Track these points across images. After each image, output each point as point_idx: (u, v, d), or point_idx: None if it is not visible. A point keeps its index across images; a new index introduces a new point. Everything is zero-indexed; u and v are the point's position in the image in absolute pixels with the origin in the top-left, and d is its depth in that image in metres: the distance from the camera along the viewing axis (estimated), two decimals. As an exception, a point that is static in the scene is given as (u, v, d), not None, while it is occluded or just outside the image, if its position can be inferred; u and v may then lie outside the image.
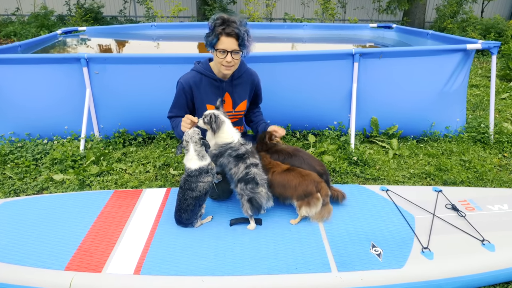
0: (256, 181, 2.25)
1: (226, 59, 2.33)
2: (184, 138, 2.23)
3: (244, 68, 2.62)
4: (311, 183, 2.34)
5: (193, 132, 2.23)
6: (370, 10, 12.57)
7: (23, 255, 2.03)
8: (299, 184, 2.34)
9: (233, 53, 2.33)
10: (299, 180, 2.36)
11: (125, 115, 3.70)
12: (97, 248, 2.10)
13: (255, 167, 2.28)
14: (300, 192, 2.33)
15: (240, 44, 2.32)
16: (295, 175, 2.39)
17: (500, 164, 3.54)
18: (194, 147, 2.20)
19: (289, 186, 2.36)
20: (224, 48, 2.31)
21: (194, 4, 12.33)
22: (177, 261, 2.01)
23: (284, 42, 6.03)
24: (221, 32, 2.28)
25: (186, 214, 2.26)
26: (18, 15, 11.58)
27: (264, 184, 2.30)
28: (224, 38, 2.29)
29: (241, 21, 2.31)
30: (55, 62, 3.49)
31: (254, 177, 2.25)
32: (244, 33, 2.31)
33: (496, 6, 12.96)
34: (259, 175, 2.27)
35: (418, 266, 1.98)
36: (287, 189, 2.37)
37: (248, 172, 2.25)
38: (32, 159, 3.39)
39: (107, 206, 2.52)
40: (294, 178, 2.37)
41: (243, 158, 2.27)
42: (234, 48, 2.32)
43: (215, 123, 2.25)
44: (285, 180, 2.39)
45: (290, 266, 1.98)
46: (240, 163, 2.27)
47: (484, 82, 6.43)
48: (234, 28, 2.27)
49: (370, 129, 3.91)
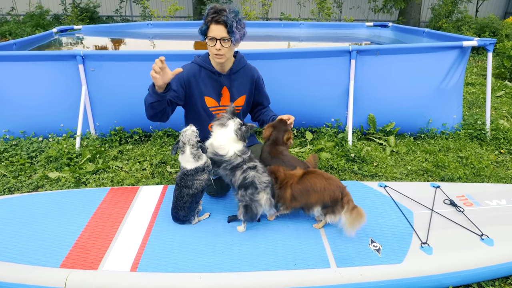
0: (255, 186, 2.13)
1: (216, 47, 2.32)
2: (180, 138, 2.18)
3: (243, 63, 2.61)
4: (336, 188, 2.14)
5: (191, 133, 2.16)
6: (365, 10, 12.62)
7: (18, 252, 2.00)
8: (325, 188, 2.14)
9: (222, 41, 2.31)
10: (324, 184, 2.15)
11: (121, 112, 3.67)
12: (93, 245, 2.07)
13: (253, 170, 2.16)
14: (326, 198, 2.13)
15: (229, 32, 2.30)
16: (318, 177, 2.19)
17: (497, 160, 3.54)
18: (191, 150, 2.15)
19: (314, 190, 2.15)
20: (213, 36, 2.30)
21: (190, 4, 12.31)
22: (174, 258, 1.99)
23: (280, 40, 6.02)
24: (210, 20, 2.29)
25: (183, 211, 2.24)
26: (13, 14, 11.51)
27: (265, 188, 2.15)
28: (214, 26, 2.29)
29: (231, 9, 2.30)
30: (50, 59, 3.46)
31: (252, 181, 2.13)
32: (233, 20, 2.28)
33: (490, 5, 13.05)
34: (257, 177, 2.14)
35: (417, 261, 1.97)
36: (312, 195, 2.15)
37: (245, 176, 2.15)
38: (27, 157, 3.35)
39: (103, 203, 2.49)
40: (318, 181, 2.17)
41: (238, 166, 2.18)
42: (223, 35, 2.30)
43: (246, 136, 2.21)
44: (307, 185, 2.17)
45: (289, 262, 1.96)
46: (236, 171, 2.19)
47: (479, 80, 6.45)
48: (222, 15, 2.26)
49: (367, 126, 3.91)
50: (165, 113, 2.36)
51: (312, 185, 2.16)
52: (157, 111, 2.30)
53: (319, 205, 2.16)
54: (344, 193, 2.15)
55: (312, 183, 2.17)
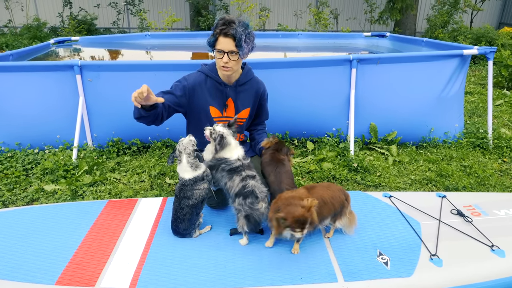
0: (256, 195, 2.09)
1: (223, 60, 2.28)
2: (177, 147, 2.14)
3: (250, 76, 2.56)
4: (340, 192, 2.14)
5: (187, 142, 2.13)
6: (362, 21, 12.71)
7: (11, 269, 1.91)
8: (332, 197, 2.08)
9: (230, 54, 2.27)
10: (330, 193, 2.09)
11: (119, 123, 3.61)
12: (90, 261, 1.99)
13: (252, 179, 2.13)
14: (337, 206, 2.09)
15: (237, 45, 2.26)
16: (322, 189, 2.11)
17: (501, 169, 3.50)
18: (187, 159, 2.11)
19: (325, 203, 2.05)
20: (221, 48, 2.27)
21: (187, 15, 12.37)
22: (175, 274, 1.91)
23: (279, 51, 6.01)
24: (219, 32, 2.25)
25: (183, 224, 2.16)
26: (11, 27, 11.50)
27: (264, 198, 2.12)
28: (222, 38, 2.25)
29: (241, 22, 2.26)
30: (47, 69, 3.41)
31: (253, 190, 2.09)
32: (242, 34, 2.24)
33: (485, 16, 13.20)
34: (258, 187, 2.11)
35: (428, 274, 1.90)
36: (323, 208, 2.03)
37: (245, 185, 2.11)
38: (22, 169, 3.27)
39: (101, 216, 2.41)
40: (324, 193, 2.08)
41: (237, 171, 2.16)
42: (231, 48, 2.26)
43: (219, 144, 2.18)
44: (318, 198, 2.01)
45: (295, 276, 1.89)
46: (234, 175, 2.15)
47: (478, 89, 6.46)
48: (231, 28, 2.22)
49: (369, 135, 3.86)
50: (156, 120, 2.31)
51: (321, 197, 2.05)
52: (147, 121, 2.29)
53: (331, 215, 2.11)
54: (346, 194, 2.21)
55: (320, 196, 2.05)
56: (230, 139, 2.24)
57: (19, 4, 11.70)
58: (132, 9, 11.87)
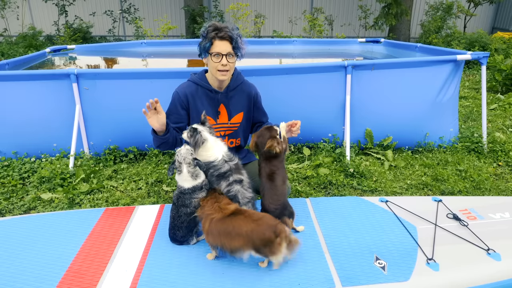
0: (237, 200, 2.12)
1: (222, 62, 2.31)
2: (176, 158, 2.13)
3: (240, 80, 2.59)
4: (267, 229, 1.88)
5: (186, 152, 2.11)
6: (356, 27, 12.83)
7: (9, 278, 1.91)
8: (252, 231, 1.88)
9: (228, 56, 2.31)
10: (252, 226, 1.89)
11: (116, 131, 3.61)
12: (88, 268, 1.99)
13: (239, 184, 2.15)
14: (257, 242, 1.87)
15: (234, 47, 2.32)
16: (245, 220, 1.93)
17: (496, 173, 3.53)
18: (188, 169, 2.10)
19: (238, 234, 1.89)
20: (219, 51, 2.30)
21: (183, 23, 12.42)
22: (173, 281, 1.91)
23: (274, 57, 6.05)
24: (214, 36, 2.29)
25: (181, 231, 2.16)
26: (6, 35, 11.50)
27: (247, 203, 2.15)
28: (218, 42, 2.29)
29: (233, 27, 2.34)
30: (44, 78, 3.43)
31: (235, 195, 2.12)
32: (237, 37, 2.33)
33: (478, 21, 13.36)
34: (241, 193, 2.14)
35: (425, 278, 1.91)
36: (235, 238, 1.90)
37: (229, 190, 2.14)
38: (19, 178, 3.27)
39: (98, 224, 2.41)
40: (244, 224, 1.91)
41: (225, 176, 2.16)
42: (229, 51, 2.31)
43: (194, 139, 2.13)
44: (229, 227, 1.92)
45: (292, 282, 1.89)
46: (222, 181, 2.16)
47: (472, 94, 6.52)
48: (227, 31, 2.29)
49: (364, 141, 3.89)
50: (176, 143, 2.40)
51: (235, 228, 1.91)
52: (168, 147, 2.39)
53: (250, 249, 1.90)
54: (278, 231, 1.88)
55: (236, 225, 1.92)
56: (206, 134, 2.17)
57: (15, 13, 11.72)
58: (128, 17, 11.93)
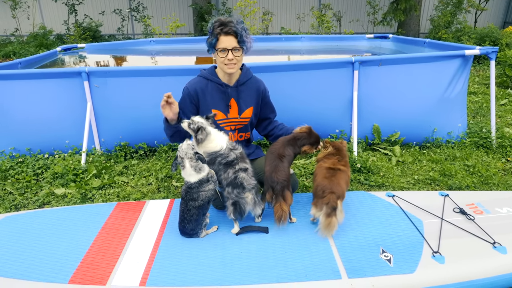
0: (243, 186, 2.25)
1: (228, 57, 2.37)
2: (178, 154, 2.19)
3: (249, 75, 2.63)
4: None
5: (187, 147, 2.17)
6: (365, 23, 12.75)
7: (26, 269, 1.98)
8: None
9: (234, 51, 2.37)
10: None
11: (126, 128, 3.68)
12: (101, 260, 2.06)
13: (244, 172, 2.28)
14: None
15: (240, 41, 2.37)
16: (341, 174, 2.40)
17: (504, 168, 3.52)
18: (190, 163, 2.16)
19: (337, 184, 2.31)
20: (224, 47, 2.35)
21: (191, 21, 12.48)
22: (183, 272, 1.96)
23: (282, 54, 6.07)
24: (219, 32, 2.34)
25: (190, 225, 2.22)
26: (17, 35, 11.69)
27: (251, 189, 2.27)
28: (223, 37, 2.35)
29: (238, 20, 2.38)
30: (56, 76, 3.50)
31: (241, 182, 2.25)
32: (242, 30, 2.37)
33: (489, 15, 13.16)
34: (246, 180, 2.27)
35: (430, 271, 1.94)
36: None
37: (236, 176, 2.26)
38: (33, 174, 3.36)
39: (110, 218, 2.48)
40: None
41: (232, 164, 2.29)
42: (234, 45, 2.36)
43: (201, 135, 2.26)
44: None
45: (300, 273, 1.94)
46: (229, 169, 2.28)
47: (482, 89, 6.46)
48: (231, 26, 2.34)
49: (372, 136, 3.90)
50: (186, 134, 2.43)
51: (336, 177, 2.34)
52: (180, 137, 2.41)
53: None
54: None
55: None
56: (209, 128, 2.30)
57: (26, 13, 11.89)
58: (136, 16, 12.02)
